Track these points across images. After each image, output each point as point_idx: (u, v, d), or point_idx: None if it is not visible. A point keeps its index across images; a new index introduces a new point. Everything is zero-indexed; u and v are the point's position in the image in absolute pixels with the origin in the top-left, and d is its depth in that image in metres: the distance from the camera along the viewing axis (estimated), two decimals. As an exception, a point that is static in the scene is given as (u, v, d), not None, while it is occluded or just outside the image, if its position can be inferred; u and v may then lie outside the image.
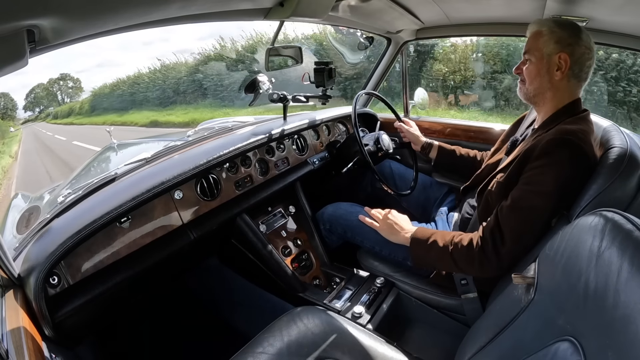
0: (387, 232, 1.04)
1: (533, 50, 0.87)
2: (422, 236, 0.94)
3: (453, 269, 0.89)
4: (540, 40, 0.86)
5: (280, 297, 1.27)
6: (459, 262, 0.86)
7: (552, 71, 0.85)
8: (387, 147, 1.38)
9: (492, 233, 0.81)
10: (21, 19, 0.52)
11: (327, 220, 1.32)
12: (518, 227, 0.78)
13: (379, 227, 1.06)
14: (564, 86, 0.86)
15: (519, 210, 0.79)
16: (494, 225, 0.81)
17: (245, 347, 0.79)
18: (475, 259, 0.82)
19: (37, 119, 23.91)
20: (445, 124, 1.71)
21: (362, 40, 1.62)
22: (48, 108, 26.69)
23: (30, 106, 27.24)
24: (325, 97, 1.44)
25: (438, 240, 0.90)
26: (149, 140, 2.16)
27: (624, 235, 0.43)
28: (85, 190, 1.00)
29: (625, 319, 0.38)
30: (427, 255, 0.93)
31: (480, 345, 0.65)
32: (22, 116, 26.66)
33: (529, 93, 0.90)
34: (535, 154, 0.79)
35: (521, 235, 0.78)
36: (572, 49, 0.83)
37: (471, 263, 0.83)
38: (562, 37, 0.84)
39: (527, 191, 0.79)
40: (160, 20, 0.84)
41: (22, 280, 0.76)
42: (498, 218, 0.81)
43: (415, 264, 0.98)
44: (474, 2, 1.25)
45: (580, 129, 0.78)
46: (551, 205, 0.76)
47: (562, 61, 0.83)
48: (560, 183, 0.75)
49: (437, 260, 0.91)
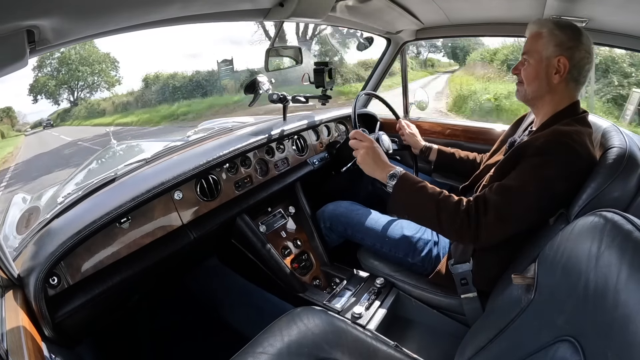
0: (370, 162, 0.94)
1: (532, 52, 0.87)
2: (410, 178, 0.90)
3: (432, 220, 0.83)
4: (540, 42, 0.85)
5: (280, 297, 1.27)
6: (441, 214, 0.82)
7: (550, 74, 0.84)
8: (387, 147, 1.38)
9: (478, 201, 0.80)
10: (21, 19, 0.52)
11: (328, 218, 1.32)
12: (502, 207, 0.77)
13: (361, 154, 0.95)
14: (562, 89, 0.85)
15: (507, 191, 0.78)
16: (482, 196, 0.81)
17: (245, 347, 0.79)
18: (458, 217, 0.80)
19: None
20: (445, 125, 1.71)
21: (361, 40, 1.62)
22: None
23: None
24: (325, 97, 1.44)
25: (427, 187, 0.86)
26: (149, 141, 2.16)
27: (623, 236, 0.43)
28: (85, 191, 1.00)
29: (625, 319, 0.38)
30: (410, 198, 0.87)
31: (480, 345, 0.65)
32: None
33: (527, 95, 0.90)
34: (529, 152, 0.79)
35: (503, 215, 0.77)
36: (571, 53, 0.82)
37: (453, 220, 0.80)
38: (562, 40, 0.83)
39: (516, 183, 0.78)
40: (160, 20, 0.85)
41: (22, 280, 0.76)
42: (487, 192, 0.81)
43: (393, 205, 0.90)
44: (474, 2, 1.25)
45: (575, 130, 0.78)
46: (537, 201, 0.76)
47: (561, 65, 0.83)
48: (548, 183, 0.75)
49: (420, 205, 0.85)
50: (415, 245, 1.10)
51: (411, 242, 1.11)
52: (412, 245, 1.10)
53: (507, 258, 0.86)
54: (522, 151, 0.81)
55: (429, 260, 1.08)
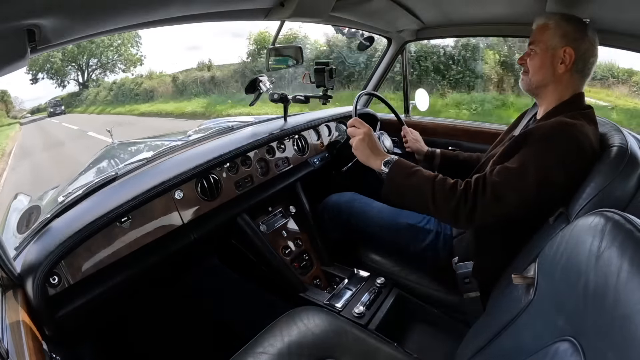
0: (365, 149, 0.94)
1: (538, 42, 0.88)
2: (405, 162, 0.90)
3: (426, 203, 0.83)
4: (546, 33, 0.86)
5: (281, 297, 1.27)
6: (437, 194, 0.82)
7: (556, 64, 0.85)
8: (387, 147, 1.38)
9: (477, 182, 0.80)
10: (22, 18, 0.52)
11: (331, 208, 1.32)
12: (500, 186, 0.77)
13: (357, 140, 0.95)
14: (566, 80, 0.86)
15: (506, 171, 0.78)
16: (482, 176, 0.81)
17: (245, 347, 0.79)
18: (454, 197, 0.80)
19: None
20: (446, 125, 1.71)
21: (362, 40, 1.62)
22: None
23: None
24: (325, 97, 1.44)
25: (423, 171, 0.87)
26: (149, 140, 2.16)
27: (624, 236, 0.43)
28: (85, 190, 1.00)
29: (625, 319, 0.38)
30: (405, 181, 0.87)
31: (480, 345, 0.65)
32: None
33: (532, 84, 0.91)
34: (533, 138, 0.79)
35: (500, 194, 0.77)
36: (577, 44, 0.83)
37: (449, 200, 0.80)
38: (568, 31, 0.84)
39: (516, 165, 0.78)
40: (160, 20, 0.85)
41: (23, 279, 0.76)
42: (488, 174, 0.81)
43: (387, 189, 0.90)
44: (474, 2, 1.25)
45: (580, 123, 0.78)
46: (535, 185, 0.75)
47: (566, 55, 0.84)
48: (548, 169, 0.75)
49: (414, 187, 0.85)
50: (418, 234, 1.10)
51: (414, 230, 1.10)
52: (414, 234, 1.10)
53: (508, 258, 0.85)
54: (525, 138, 0.81)
55: (430, 250, 1.08)
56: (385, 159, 0.91)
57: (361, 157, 0.96)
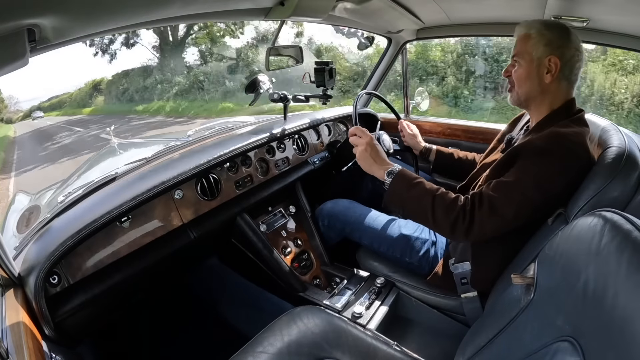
0: (368, 159, 0.95)
1: (522, 53, 0.87)
2: (408, 174, 0.91)
3: (427, 214, 0.84)
4: (529, 43, 0.85)
5: (280, 296, 1.27)
6: (437, 208, 0.82)
7: (542, 74, 0.84)
8: (387, 147, 1.38)
9: (474, 198, 0.81)
10: (22, 18, 0.52)
11: (326, 216, 1.32)
12: (497, 201, 0.77)
13: (360, 150, 0.96)
14: (554, 89, 0.85)
15: (503, 186, 0.79)
16: (479, 192, 0.81)
17: (245, 346, 0.79)
18: (453, 212, 0.80)
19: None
20: (445, 125, 1.71)
21: (362, 40, 1.62)
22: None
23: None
24: (325, 96, 1.44)
25: (425, 183, 0.88)
26: (149, 140, 2.16)
27: (622, 236, 0.43)
28: (85, 190, 1.00)
29: (624, 319, 0.38)
30: (406, 193, 0.87)
31: (479, 345, 0.65)
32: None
33: (520, 97, 0.90)
34: (527, 152, 0.79)
35: (497, 209, 0.77)
36: (562, 52, 0.82)
37: (448, 214, 0.81)
38: (551, 40, 0.83)
39: (512, 179, 0.78)
40: (160, 19, 0.85)
41: (23, 279, 0.76)
42: (484, 189, 0.81)
43: (389, 200, 0.91)
44: (474, 2, 1.25)
45: (573, 131, 0.78)
46: (532, 199, 0.76)
47: (552, 64, 0.83)
48: (544, 182, 0.75)
49: (416, 200, 0.86)
50: (413, 245, 1.10)
51: (409, 241, 1.11)
52: (409, 244, 1.10)
53: (507, 258, 0.86)
54: (519, 151, 0.81)
55: (426, 260, 1.08)
56: (389, 168, 0.92)
57: (364, 166, 0.97)
